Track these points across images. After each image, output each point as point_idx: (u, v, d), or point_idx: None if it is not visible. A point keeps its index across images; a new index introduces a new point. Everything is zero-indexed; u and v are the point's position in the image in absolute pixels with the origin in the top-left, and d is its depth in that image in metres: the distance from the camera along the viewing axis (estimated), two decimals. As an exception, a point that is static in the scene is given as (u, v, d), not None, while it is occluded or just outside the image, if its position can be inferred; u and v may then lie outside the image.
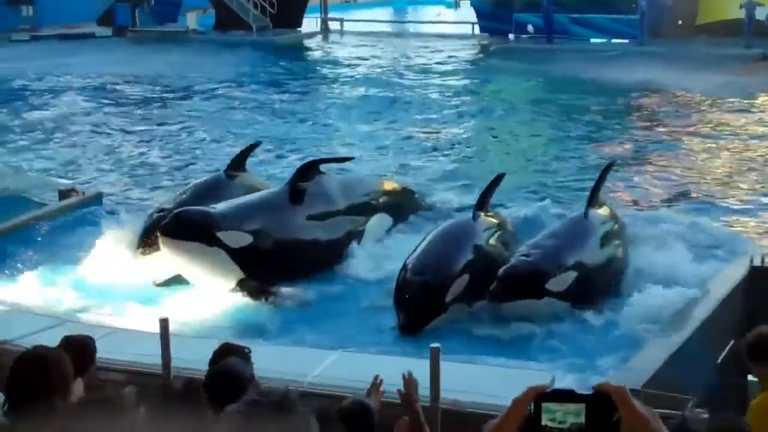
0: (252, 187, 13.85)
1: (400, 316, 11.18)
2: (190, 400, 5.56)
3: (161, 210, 13.27)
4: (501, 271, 11.40)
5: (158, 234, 11.88)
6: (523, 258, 11.68)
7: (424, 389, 7.37)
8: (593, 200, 13.03)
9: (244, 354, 6.31)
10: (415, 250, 11.88)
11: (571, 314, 11.40)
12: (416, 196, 15.57)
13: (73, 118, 26.29)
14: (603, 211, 13.13)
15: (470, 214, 12.81)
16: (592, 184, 13.61)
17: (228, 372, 5.28)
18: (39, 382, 4.34)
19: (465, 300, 11.63)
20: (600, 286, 12.07)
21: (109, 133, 24.31)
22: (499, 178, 13.50)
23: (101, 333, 9.25)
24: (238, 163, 14.47)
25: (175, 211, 12.29)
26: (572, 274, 11.66)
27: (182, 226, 11.81)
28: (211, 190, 13.71)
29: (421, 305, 11.27)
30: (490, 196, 13.17)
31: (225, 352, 6.35)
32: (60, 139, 23.62)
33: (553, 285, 11.39)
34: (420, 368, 7.53)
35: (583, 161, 20.45)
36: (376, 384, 6.27)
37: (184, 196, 13.73)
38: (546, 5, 38.45)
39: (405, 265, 11.61)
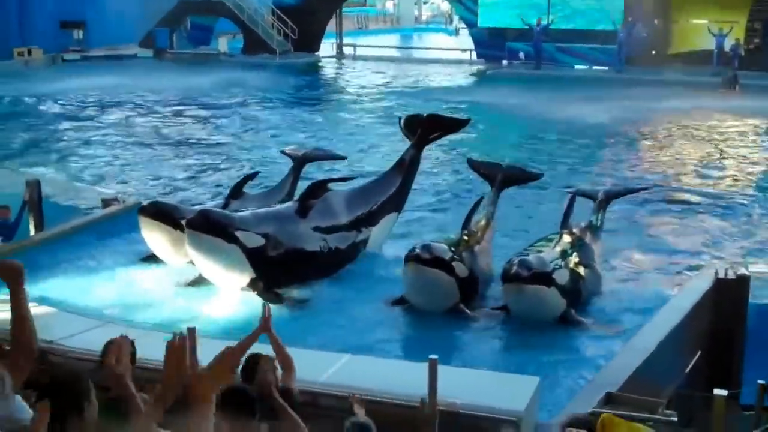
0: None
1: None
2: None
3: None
4: (513, 260, 11.20)
5: (185, 227, 11.79)
6: (525, 256, 11.55)
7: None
8: (565, 223, 12.90)
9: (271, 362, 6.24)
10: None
11: (559, 319, 11.24)
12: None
13: (117, 132, 26.23)
14: (574, 233, 12.94)
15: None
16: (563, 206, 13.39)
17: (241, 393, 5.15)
18: (69, 395, 4.25)
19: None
20: (582, 291, 11.90)
21: (149, 146, 24.20)
22: (479, 201, 13.26)
23: (137, 334, 9.10)
24: (236, 190, 14.26)
25: (200, 209, 12.34)
26: (566, 273, 11.49)
27: (207, 222, 11.77)
28: None
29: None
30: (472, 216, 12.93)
31: (255, 362, 6.26)
32: (105, 150, 23.53)
33: (557, 277, 11.19)
34: (421, 371, 7.39)
35: (557, 178, 20.24)
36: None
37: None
38: (535, 35, 38.56)
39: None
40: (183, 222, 12.11)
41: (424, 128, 14.61)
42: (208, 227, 11.72)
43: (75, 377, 4.39)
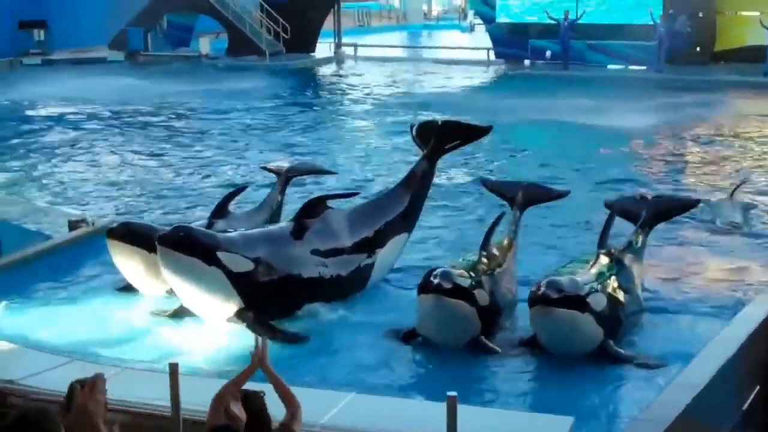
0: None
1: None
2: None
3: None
4: (542, 282, 11.06)
5: (156, 243, 11.63)
6: (557, 277, 11.47)
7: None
8: (603, 243, 12.85)
9: (260, 399, 6.23)
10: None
11: (596, 351, 11.19)
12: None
13: (83, 145, 26.27)
14: (612, 253, 12.85)
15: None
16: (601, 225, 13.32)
17: None
18: None
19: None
20: (622, 319, 11.84)
21: (120, 161, 24.24)
22: (499, 218, 13.24)
23: (111, 372, 9.09)
24: (221, 208, 14.24)
25: (177, 225, 12.28)
26: (603, 298, 11.39)
27: (182, 238, 11.61)
28: None
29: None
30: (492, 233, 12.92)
31: (243, 399, 6.25)
32: (70, 166, 23.55)
33: (592, 301, 11.05)
34: (437, 411, 7.38)
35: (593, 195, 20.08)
36: None
37: None
38: (563, 32, 38.64)
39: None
40: None
41: (438, 137, 14.59)
42: (184, 245, 11.59)
43: (43, 418, 4.40)
